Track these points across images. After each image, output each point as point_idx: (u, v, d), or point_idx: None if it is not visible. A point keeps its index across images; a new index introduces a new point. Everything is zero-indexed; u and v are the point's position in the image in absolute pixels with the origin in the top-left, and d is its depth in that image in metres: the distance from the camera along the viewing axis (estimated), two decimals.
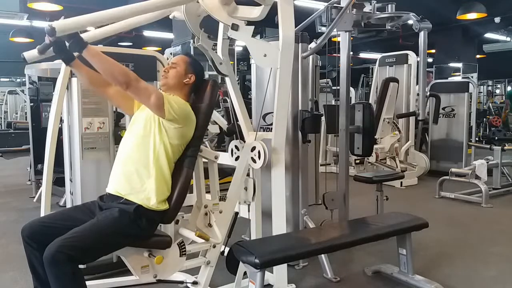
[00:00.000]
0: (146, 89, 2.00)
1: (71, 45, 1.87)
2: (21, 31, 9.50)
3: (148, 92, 2.00)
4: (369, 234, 2.57)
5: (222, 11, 2.24)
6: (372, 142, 3.92)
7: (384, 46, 11.64)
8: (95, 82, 2.20)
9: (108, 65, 1.92)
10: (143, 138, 2.09)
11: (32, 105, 5.62)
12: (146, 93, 2.00)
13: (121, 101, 2.29)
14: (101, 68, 1.93)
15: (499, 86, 18.61)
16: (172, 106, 2.05)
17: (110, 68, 1.92)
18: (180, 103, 2.13)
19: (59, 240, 1.78)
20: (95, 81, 2.19)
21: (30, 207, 4.95)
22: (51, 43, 1.86)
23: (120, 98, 2.27)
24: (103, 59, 1.91)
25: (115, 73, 1.92)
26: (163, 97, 2.03)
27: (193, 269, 2.44)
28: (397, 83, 6.00)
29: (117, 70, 1.93)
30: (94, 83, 2.21)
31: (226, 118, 5.52)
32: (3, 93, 14.39)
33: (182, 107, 2.12)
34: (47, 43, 1.88)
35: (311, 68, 3.32)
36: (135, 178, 2.05)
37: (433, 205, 5.03)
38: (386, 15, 3.36)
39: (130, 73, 1.95)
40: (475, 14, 7.76)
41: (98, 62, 1.91)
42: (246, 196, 2.60)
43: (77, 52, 1.92)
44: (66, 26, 1.78)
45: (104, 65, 1.92)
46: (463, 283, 2.86)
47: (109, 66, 1.92)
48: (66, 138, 3.13)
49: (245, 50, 3.53)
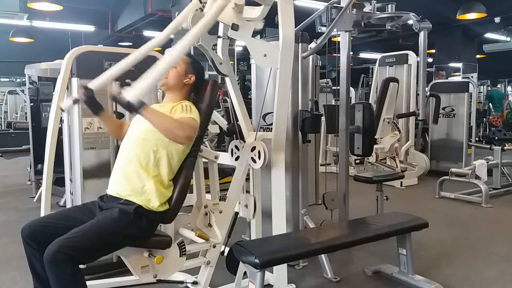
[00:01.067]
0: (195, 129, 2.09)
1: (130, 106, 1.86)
2: (21, 31, 9.51)
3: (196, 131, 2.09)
4: (369, 234, 2.57)
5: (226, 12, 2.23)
6: (372, 142, 3.92)
7: (384, 46, 11.65)
8: (117, 129, 2.33)
9: (165, 123, 1.97)
10: (144, 140, 2.09)
11: (32, 105, 5.62)
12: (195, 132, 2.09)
13: None
14: (158, 125, 1.96)
15: (499, 86, 18.62)
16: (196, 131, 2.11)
17: (167, 126, 1.96)
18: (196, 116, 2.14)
19: (59, 240, 1.77)
20: (117, 128, 2.33)
21: (30, 207, 4.95)
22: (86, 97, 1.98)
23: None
24: (160, 117, 1.98)
25: (172, 130, 1.96)
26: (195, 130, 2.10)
27: (193, 269, 2.43)
28: (397, 83, 6.00)
29: (174, 127, 1.97)
30: (116, 130, 2.33)
31: (226, 118, 5.53)
32: (3, 93, 14.40)
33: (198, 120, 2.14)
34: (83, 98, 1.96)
35: (311, 68, 3.32)
36: (136, 179, 2.04)
37: (433, 205, 5.03)
38: (386, 15, 3.36)
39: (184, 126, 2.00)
40: (475, 14, 7.77)
41: (154, 120, 1.94)
42: (247, 213, 2.61)
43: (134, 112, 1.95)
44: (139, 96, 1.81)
45: (161, 123, 1.96)
46: (463, 283, 2.86)
47: (166, 124, 1.97)
48: (66, 138, 3.13)
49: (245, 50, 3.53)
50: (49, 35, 11.15)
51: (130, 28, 10.40)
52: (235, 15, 2.22)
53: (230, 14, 2.21)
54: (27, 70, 5.12)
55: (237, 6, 2.18)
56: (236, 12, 2.21)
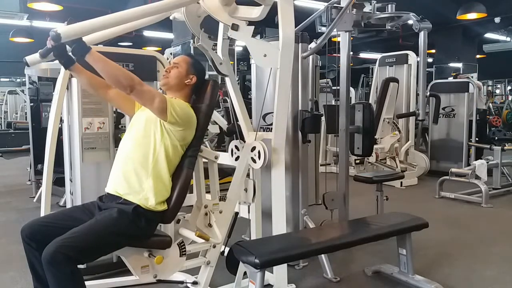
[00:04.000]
0: (150, 92, 2.00)
1: (74, 50, 1.85)
2: (21, 31, 9.50)
3: (151, 96, 2.00)
4: (369, 234, 2.56)
5: (223, 12, 2.24)
6: (372, 142, 3.92)
7: (384, 46, 11.65)
8: (94, 85, 2.20)
9: (111, 69, 1.91)
10: (143, 139, 2.09)
11: (32, 105, 5.62)
12: (150, 96, 1.99)
13: (122, 102, 2.29)
14: (104, 72, 1.92)
15: (499, 86, 18.64)
16: (174, 109, 2.06)
17: (114, 72, 1.91)
18: (182, 107, 2.13)
19: (58, 240, 1.78)
20: (94, 84, 2.19)
21: (30, 207, 4.95)
22: (53, 47, 1.85)
23: (120, 100, 2.27)
24: (106, 63, 1.90)
25: (119, 77, 1.91)
26: (166, 101, 2.04)
27: (193, 269, 2.43)
28: (397, 83, 6.00)
29: (121, 74, 1.92)
30: (94, 86, 2.21)
31: (226, 118, 5.53)
32: (3, 93, 14.41)
33: (184, 110, 2.13)
34: (49, 47, 1.86)
35: (311, 68, 3.32)
36: (134, 178, 2.04)
37: (433, 205, 5.03)
38: (386, 15, 3.36)
39: (134, 77, 1.95)
40: (475, 14, 7.77)
41: (101, 67, 1.90)
42: (246, 197, 2.60)
43: (80, 57, 1.90)
44: (71, 32, 1.77)
45: (108, 69, 1.91)
46: (463, 283, 2.86)
47: (113, 70, 1.91)
48: (66, 138, 3.13)
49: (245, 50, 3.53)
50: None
51: None
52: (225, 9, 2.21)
53: (221, 9, 2.20)
54: (27, 70, 5.11)
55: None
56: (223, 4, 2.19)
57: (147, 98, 2.00)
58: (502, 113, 11.35)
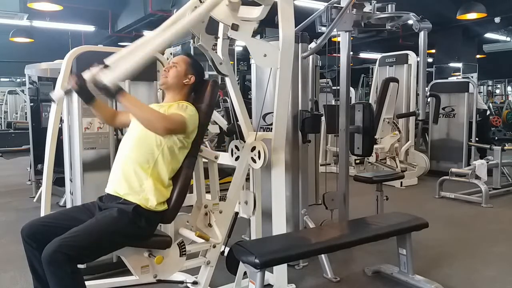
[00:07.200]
0: (180, 124, 2.05)
1: (106, 92, 1.87)
2: (21, 31, 9.51)
3: (182, 128, 2.07)
4: (369, 234, 2.57)
5: (223, 12, 2.23)
6: (372, 142, 3.93)
7: (384, 46, 11.64)
8: (110, 118, 2.30)
9: (143, 112, 1.97)
10: (143, 139, 2.09)
11: (32, 105, 5.62)
12: (181, 129, 2.06)
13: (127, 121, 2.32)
14: (137, 114, 1.97)
15: (499, 86, 18.64)
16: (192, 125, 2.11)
17: (146, 117, 1.96)
18: (195, 118, 2.15)
19: (58, 240, 1.78)
20: (110, 117, 2.29)
21: (30, 207, 4.95)
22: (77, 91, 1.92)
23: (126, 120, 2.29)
24: (139, 106, 1.96)
25: (152, 122, 1.95)
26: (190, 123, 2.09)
27: (193, 269, 2.43)
28: (397, 83, 6.00)
29: (153, 119, 1.96)
30: (110, 119, 2.30)
31: (226, 118, 5.53)
32: (3, 93, 14.41)
33: (196, 122, 2.15)
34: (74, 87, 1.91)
35: (311, 68, 3.32)
36: (134, 178, 2.04)
37: (433, 205, 5.03)
38: (386, 15, 3.36)
39: (165, 117, 2.01)
40: (475, 14, 7.77)
41: (133, 109, 1.95)
42: (247, 210, 2.60)
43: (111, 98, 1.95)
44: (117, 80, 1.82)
45: (140, 112, 1.96)
46: (463, 283, 2.86)
47: (145, 114, 1.97)
48: (66, 138, 3.13)
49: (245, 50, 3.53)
50: (49, 35, 11.15)
51: (130, 28, 10.40)
52: (232, 14, 2.22)
53: (228, 14, 2.21)
54: (27, 70, 5.13)
55: (231, 3, 2.17)
56: (231, 10, 2.20)
57: (179, 131, 2.07)
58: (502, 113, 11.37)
